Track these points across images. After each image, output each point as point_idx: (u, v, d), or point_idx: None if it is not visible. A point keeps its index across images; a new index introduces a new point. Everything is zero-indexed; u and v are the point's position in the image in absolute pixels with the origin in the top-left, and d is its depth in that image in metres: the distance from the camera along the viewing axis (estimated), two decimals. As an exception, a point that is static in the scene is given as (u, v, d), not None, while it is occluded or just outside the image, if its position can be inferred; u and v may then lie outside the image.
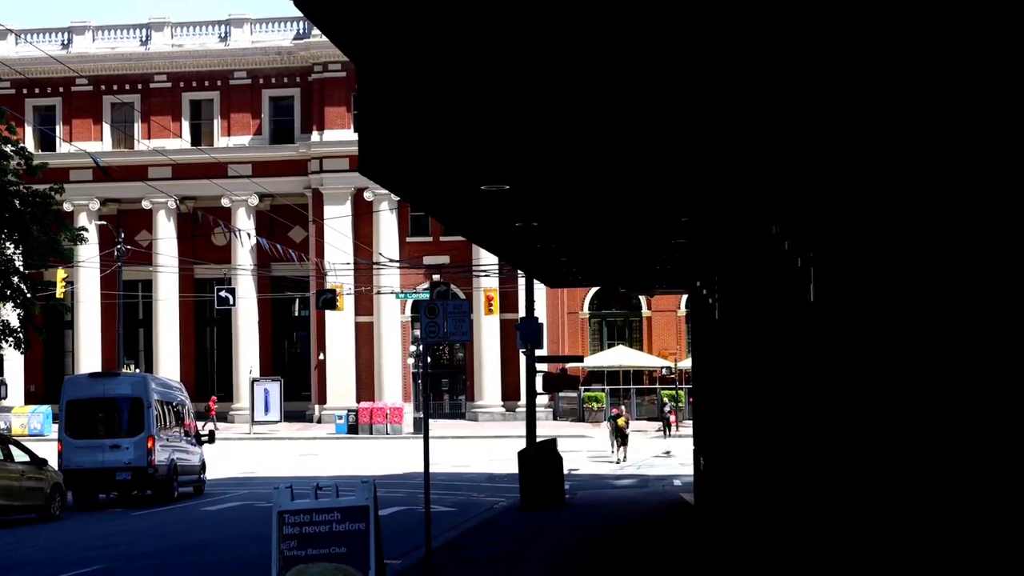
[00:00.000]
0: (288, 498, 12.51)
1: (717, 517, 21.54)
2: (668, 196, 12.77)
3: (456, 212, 14.85)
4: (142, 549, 20.46)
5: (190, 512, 29.12)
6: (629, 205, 13.58)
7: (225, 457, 51.03)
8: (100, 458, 31.06)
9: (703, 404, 24.77)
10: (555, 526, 23.27)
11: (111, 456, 31.12)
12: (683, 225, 14.40)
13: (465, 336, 16.34)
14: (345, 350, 68.57)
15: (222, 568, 18.66)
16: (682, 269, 21.99)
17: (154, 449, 31.48)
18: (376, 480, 36.81)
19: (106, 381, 33.12)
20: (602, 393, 67.94)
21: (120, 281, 61.80)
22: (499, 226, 15.24)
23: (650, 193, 12.50)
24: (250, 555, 18.72)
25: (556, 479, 28.51)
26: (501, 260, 22.21)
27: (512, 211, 13.98)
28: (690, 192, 12.50)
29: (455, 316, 16.17)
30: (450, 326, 16.16)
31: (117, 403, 32.28)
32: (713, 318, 18.41)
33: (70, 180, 70.42)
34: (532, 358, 31.27)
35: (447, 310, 16.25)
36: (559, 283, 28.69)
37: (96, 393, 32.30)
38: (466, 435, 61.07)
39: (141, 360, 75.52)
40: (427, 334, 16.43)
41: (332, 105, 69.17)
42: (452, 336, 16.28)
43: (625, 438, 45.55)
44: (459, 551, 19.44)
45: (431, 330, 16.29)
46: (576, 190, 12.62)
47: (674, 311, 69.62)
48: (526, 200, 13.20)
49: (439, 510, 29.55)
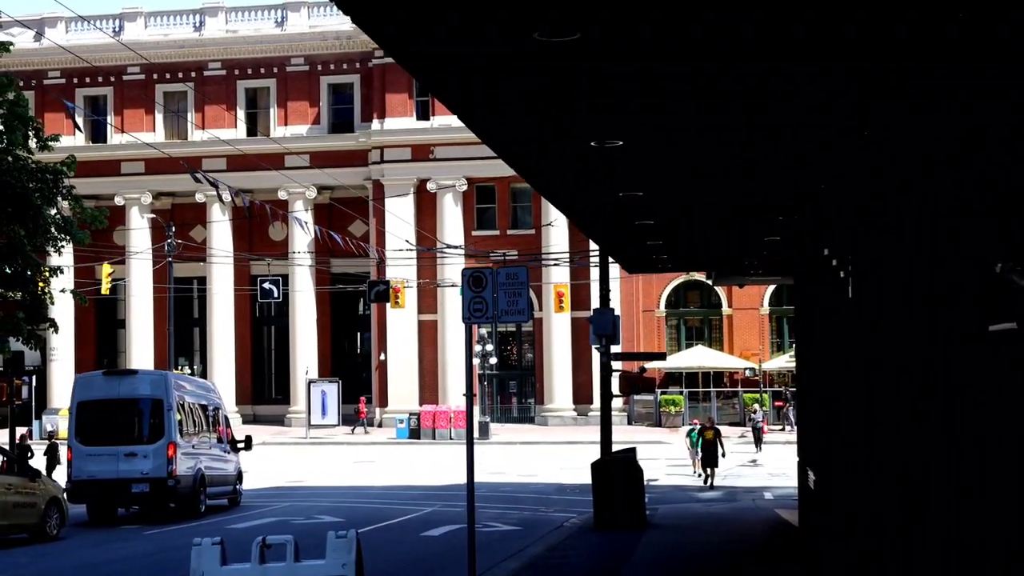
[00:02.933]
0: (216, 562, 8.60)
1: (833, 545, 17.53)
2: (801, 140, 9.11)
3: (560, 177, 12.55)
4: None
5: (212, 531, 25.29)
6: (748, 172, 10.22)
7: (275, 464, 47.62)
8: (114, 468, 27.52)
9: (814, 407, 20.69)
10: (638, 556, 19.27)
11: (126, 465, 27.57)
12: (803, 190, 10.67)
13: (522, 315, 12.44)
14: (407, 350, 64.94)
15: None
16: (788, 248, 17.97)
17: (175, 458, 27.83)
18: (432, 491, 33.09)
19: (122, 380, 29.40)
20: (680, 396, 63.71)
21: (171, 277, 58.53)
22: (602, 195, 12.00)
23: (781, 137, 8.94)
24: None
25: (636, 495, 24.50)
26: (590, 234, 18.16)
27: (619, 177, 11.87)
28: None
29: (509, 288, 12.28)
30: (502, 301, 12.32)
31: (134, 405, 28.72)
32: (840, 298, 14.37)
33: (121, 173, 67.99)
34: (607, 355, 27.30)
35: (497, 280, 12.38)
36: (641, 267, 24.72)
37: (111, 394, 28.59)
38: (535, 441, 57.23)
39: (196, 360, 72.50)
40: (471, 312, 12.63)
41: (393, 92, 65.65)
42: (505, 315, 12.44)
43: (715, 459, 36.82)
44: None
45: (476, 307, 12.51)
46: (693, 148, 10.82)
47: (756, 308, 65.31)
48: (636, 163, 11.26)
49: (500, 529, 25.73)
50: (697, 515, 28.43)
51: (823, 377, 18.59)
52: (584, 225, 17.52)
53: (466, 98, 9.61)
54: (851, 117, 9.91)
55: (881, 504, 13.23)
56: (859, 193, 11.56)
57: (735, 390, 64.54)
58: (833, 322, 15.89)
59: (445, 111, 65.52)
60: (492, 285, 12.26)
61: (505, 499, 33.63)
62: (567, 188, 13.21)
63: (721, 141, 10.58)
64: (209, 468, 30.25)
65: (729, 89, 8.82)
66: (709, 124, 10.02)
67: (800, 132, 9.95)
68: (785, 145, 10.33)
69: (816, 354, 19.72)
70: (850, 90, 9.06)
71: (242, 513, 29.63)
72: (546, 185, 13.15)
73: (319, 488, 37.60)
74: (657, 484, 37.87)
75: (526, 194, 65.76)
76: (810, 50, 7.70)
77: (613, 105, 9.20)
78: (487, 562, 19.66)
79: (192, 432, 29.90)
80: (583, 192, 13.33)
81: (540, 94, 9.07)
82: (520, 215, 66.51)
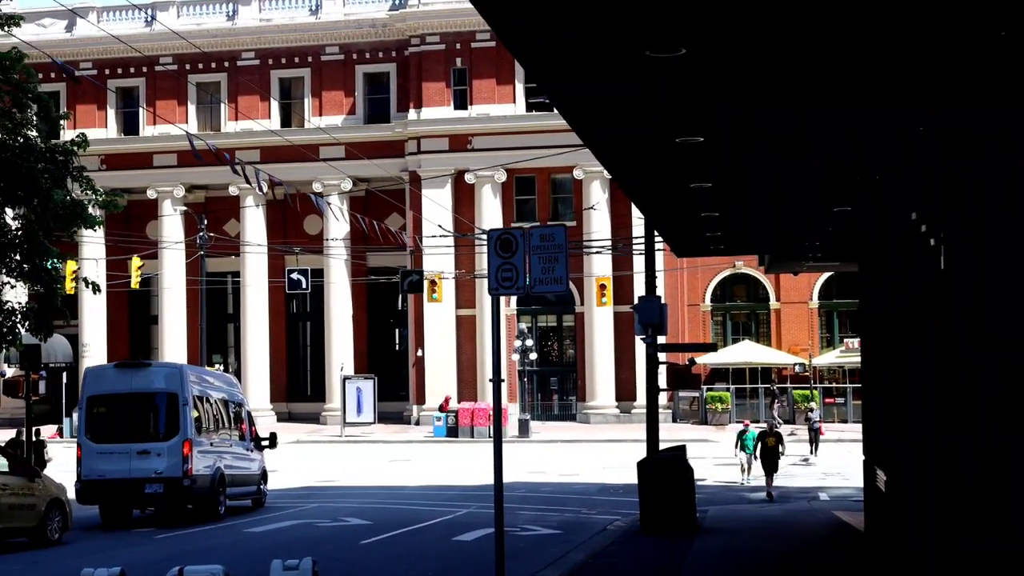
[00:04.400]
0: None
1: (908, 553, 15.65)
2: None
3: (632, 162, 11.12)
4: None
5: (229, 535, 23.74)
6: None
7: (308, 463, 46.05)
8: (126, 467, 25.70)
9: (884, 402, 18.77)
10: (690, 565, 17.41)
11: (139, 464, 25.75)
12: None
13: (559, 285, 10.55)
14: (445, 346, 63.18)
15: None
16: (860, 219, 16.08)
17: (191, 456, 25.98)
18: (468, 492, 31.24)
19: (135, 373, 27.46)
20: (726, 393, 61.61)
21: (203, 269, 57.10)
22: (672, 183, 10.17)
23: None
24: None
25: (686, 497, 22.62)
26: (642, 209, 16.24)
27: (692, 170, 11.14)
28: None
29: (543, 253, 10.41)
30: (536, 269, 10.46)
31: (147, 400, 26.87)
32: (924, 273, 12.48)
33: (153, 165, 66.69)
34: (654, 346, 25.42)
35: (531, 244, 10.50)
36: (691, 249, 22.86)
37: (122, 388, 26.70)
38: (577, 439, 55.35)
39: (230, 356, 71.09)
40: (499, 282, 10.79)
41: (430, 80, 63.95)
42: (539, 285, 10.60)
43: (776, 465, 32.82)
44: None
45: (506, 275, 10.66)
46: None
47: (805, 302, 63.19)
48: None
49: (539, 533, 23.95)
50: (750, 518, 26.52)
51: (897, 368, 16.68)
52: (638, 196, 15.68)
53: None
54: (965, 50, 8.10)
55: (982, 509, 11.39)
56: (964, 145, 9.69)
57: (784, 386, 62.37)
58: (912, 304, 13.98)
59: (483, 100, 63.87)
60: (524, 249, 10.45)
61: (545, 500, 31.87)
62: (631, 155, 11.61)
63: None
64: (230, 467, 28.42)
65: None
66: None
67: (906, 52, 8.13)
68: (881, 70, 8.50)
69: (887, 343, 17.80)
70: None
71: (265, 515, 27.94)
72: (615, 154, 11.54)
73: (350, 488, 35.91)
74: (705, 484, 35.97)
75: (566, 185, 63.97)
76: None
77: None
78: (523, 570, 17.88)
79: (211, 428, 28.11)
80: (647, 159, 11.73)
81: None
82: (560, 207, 64.68)
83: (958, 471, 12.10)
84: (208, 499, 26.97)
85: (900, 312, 15.00)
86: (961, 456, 12.20)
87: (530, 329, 63.46)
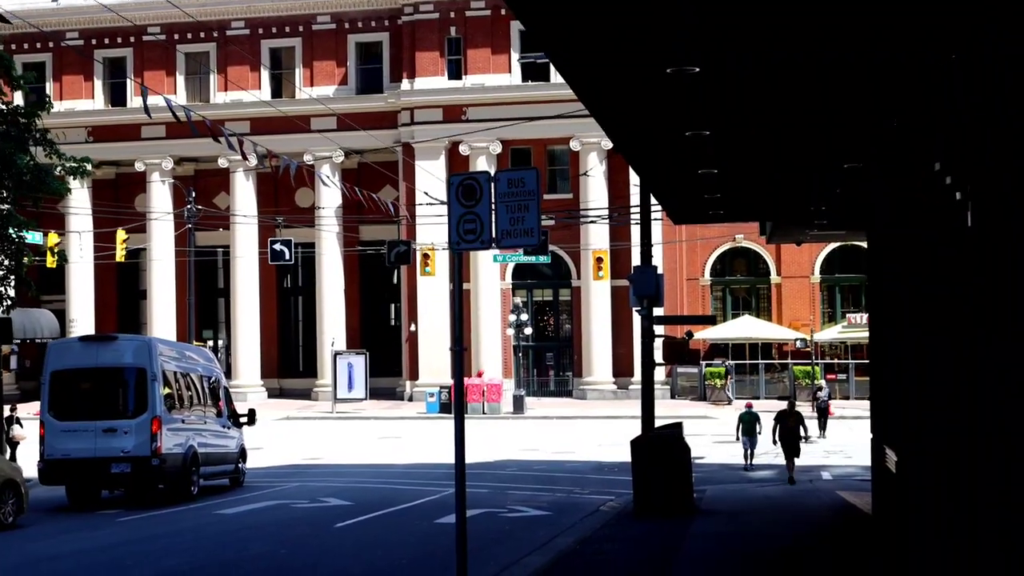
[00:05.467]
0: None
1: (922, 538, 14.48)
2: None
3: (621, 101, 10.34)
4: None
5: (198, 517, 22.46)
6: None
7: (297, 440, 44.89)
8: (91, 445, 24.36)
9: (897, 378, 17.51)
10: (686, 552, 16.15)
11: (105, 443, 24.38)
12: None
13: (530, 237, 9.23)
14: (439, 321, 61.87)
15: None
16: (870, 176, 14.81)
17: (160, 434, 24.60)
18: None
19: (101, 347, 25.93)
20: (725, 369, 60.33)
21: (190, 240, 55.80)
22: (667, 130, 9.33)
23: None
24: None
25: (682, 477, 21.35)
26: (635, 165, 14.85)
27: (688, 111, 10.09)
28: None
29: (512, 201, 9.09)
30: (503, 219, 9.16)
31: (114, 375, 25.42)
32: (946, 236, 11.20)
33: (142, 137, 65.19)
34: (650, 319, 24.15)
35: (497, 191, 9.19)
36: (690, 215, 21.56)
37: (88, 362, 25.27)
38: (573, 415, 54.10)
39: (221, 331, 69.83)
40: (461, 235, 9.50)
41: (424, 50, 62.49)
42: (507, 237, 9.29)
43: (798, 448, 29.95)
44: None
45: (468, 227, 9.38)
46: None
47: (807, 276, 61.91)
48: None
49: (528, 514, 22.73)
50: (750, 499, 25.29)
51: (912, 342, 15.42)
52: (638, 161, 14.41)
53: None
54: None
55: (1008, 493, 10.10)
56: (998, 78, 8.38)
57: (784, 362, 61.14)
58: (931, 271, 12.70)
59: (478, 70, 62.44)
60: (489, 198, 9.15)
61: (537, 479, 30.67)
62: (632, 118, 10.36)
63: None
64: (204, 445, 27.05)
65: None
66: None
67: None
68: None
69: (901, 315, 16.52)
70: None
71: (241, 495, 26.67)
72: (613, 116, 10.27)
73: (336, 466, 34.70)
74: (703, 462, 34.78)
75: (563, 157, 62.61)
76: None
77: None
78: (508, 555, 16.68)
79: (183, 405, 26.76)
80: (648, 121, 10.47)
81: None
82: (557, 179, 63.33)
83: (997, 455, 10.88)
84: (180, 479, 25.60)
85: (919, 279, 13.73)
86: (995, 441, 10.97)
87: (525, 303, 62.18)
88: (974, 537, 11.18)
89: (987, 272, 9.75)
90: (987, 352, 9.62)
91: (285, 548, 17.23)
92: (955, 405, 10.82)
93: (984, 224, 9.85)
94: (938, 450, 12.87)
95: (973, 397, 10.14)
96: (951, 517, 12.31)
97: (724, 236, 61.19)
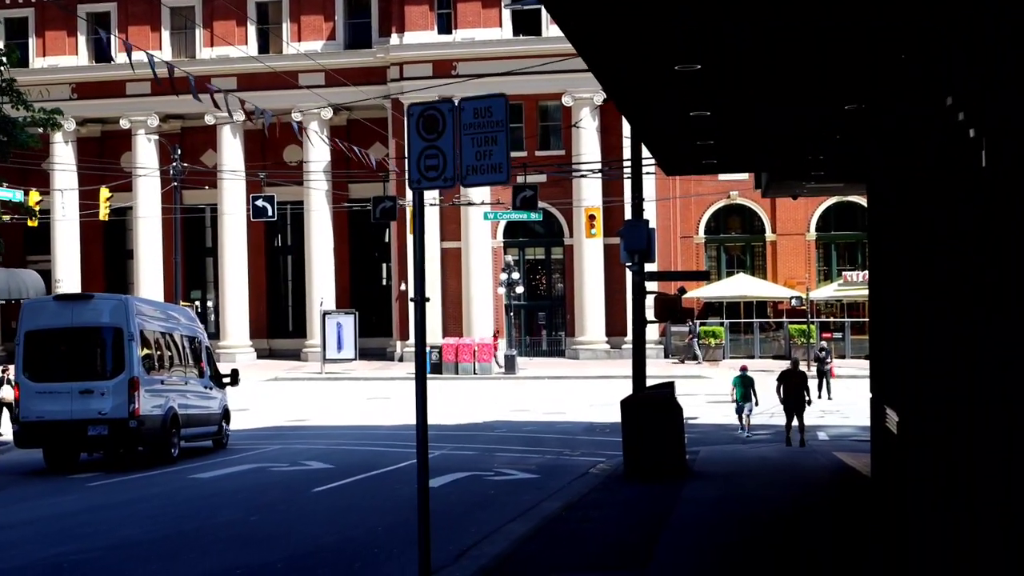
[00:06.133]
0: None
1: (926, 503, 13.68)
2: None
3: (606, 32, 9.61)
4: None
5: (172, 482, 21.63)
6: None
7: (284, 401, 44.12)
8: (67, 407, 23.65)
9: (899, 335, 16.69)
10: (677, 518, 15.34)
11: (82, 405, 23.66)
12: None
13: (499, 174, 8.31)
14: (430, 280, 60.90)
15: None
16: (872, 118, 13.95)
17: (138, 395, 23.85)
18: (445, 431, 29.01)
19: (76, 306, 25.04)
20: (720, 328, 59.52)
21: (176, 197, 54.83)
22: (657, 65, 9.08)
23: None
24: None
25: (674, 439, 20.53)
26: (630, 119, 13.92)
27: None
28: None
29: (478, 133, 8.20)
30: (468, 154, 8.27)
31: (90, 335, 24.63)
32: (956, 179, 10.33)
33: (127, 94, 64.04)
34: (641, 274, 23.28)
35: (462, 122, 8.31)
36: (682, 166, 20.62)
37: (63, 322, 24.46)
38: (565, 375, 53.32)
39: (209, 291, 68.95)
40: (422, 172, 8.62)
41: (413, 4, 61.32)
42: (472, 175, 8.40)
43: (803, 407, 28.13)
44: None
45: (430, 164, 8.50)
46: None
47: (802, 234, 61.01)
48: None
49: (515, 477, 21.96)
50: (744, 460, 24.50)
51: (918, 295, 14.58)
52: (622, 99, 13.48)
53: None
54: None
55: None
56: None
57: (780, 320, 60.35)
58: (939, 217, 11.83)
59: (468, 24, 61.30)
60: (452, 130, 8.25)
61: (526, 440, 29.90)
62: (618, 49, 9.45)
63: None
64: (185, 407, 26.39)
65: None
66: None
67: None
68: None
69: (904, 267, 15.67)
70: None
71: (220, 458, 25.86)
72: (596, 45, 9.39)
73: (321, 428, 33.90)
74: (697, 423, 34.02)
75: (556, 112, 61.57)
76: None
77: None
78: (492, 521, 15.87)
79: (163, 366, 26.09)
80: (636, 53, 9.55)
81: None
82: (550, 136, 62.34)
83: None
84: (159, 441, 24.88)
85: (927, 226, 12.84)
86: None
87: (517, 262, 61.27)
88: (973, 506, 10.40)
89: (1001, 216, 8.88)
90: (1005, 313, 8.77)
91: (256, 515, 16.43)
92: (956, 368, 9.98)
93: (1000, 163, 8.96)
94: (938, 414, 12.05)
95: (983, 360, 9.32)
96: (952, 482, 11.51)
97: (719, 193, 60.29)
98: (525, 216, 53.72)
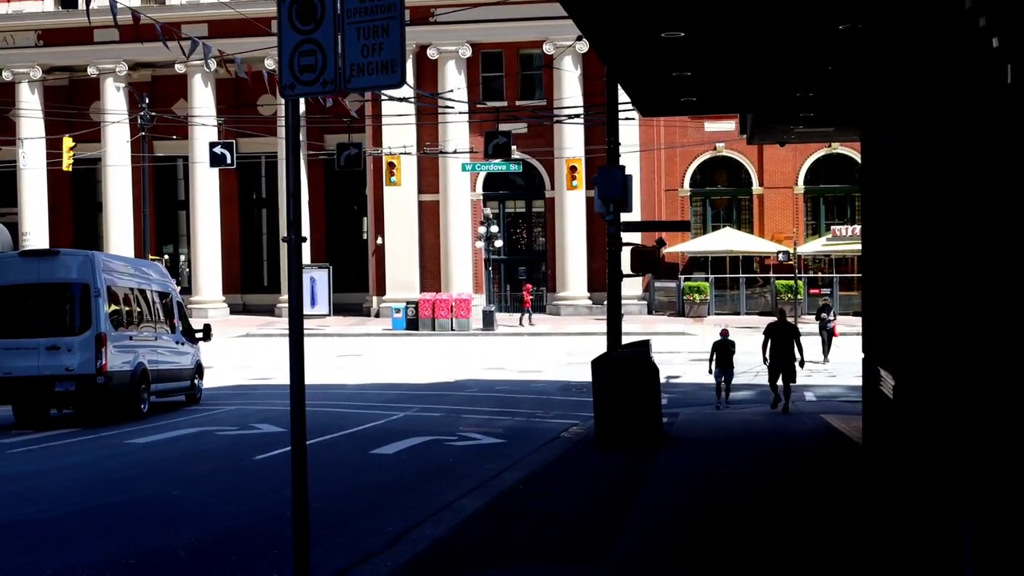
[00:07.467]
0: None
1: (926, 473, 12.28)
2: None
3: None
4: None
5: (103, 447, 19.88)
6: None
7: (251, 358, 42.55)
8: (34, 364, 23.38)
9: (898, 290, 15.14)
10: (647, 495, 13.75)
11: (48, 361, 23.39)
12: None
13: (391, 76, 6.53)
14: (407, 234, 59.31)
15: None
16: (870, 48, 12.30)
17: (106, 351, 23.47)
18: (414, 391, 27.19)
19: (42, 262, 24.55)
20: (705, 283, 57.95)
21: (144, 146, 53.00)
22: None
23: None
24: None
25: (649, 402, 18.92)
26: (598, 49, 12.17)
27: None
28: None
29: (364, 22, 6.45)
30: (353, 49, 6.61)
31: (57, 291, 24.16)
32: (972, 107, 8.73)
33: (95, 41, 61.92)
34: (616, 224, 21.66)
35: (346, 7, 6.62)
36: (659, 105, 18.92)
37: (29, 278, 24.09)
38: (545, 332, 51.74)
39: (182, 245, 67.17)
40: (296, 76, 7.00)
41: (390, -52, 59.23)
42: (358, 76, 6.74)
43: (793, 372, 25.49)
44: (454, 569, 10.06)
45: (306, 63, 6.88)
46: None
47: (790, 187, 59.37)
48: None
49: (480, 442, 20.41)
50: (727, 425, 22.94)
51: (921, 247, 13.00)
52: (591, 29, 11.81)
53: None
54: None
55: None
56: None
57: (767, 275, 58.79)
58: (949, 151, 10.20)
59: (447, -32, 59.35)
60: (334, 22, 6.56)
61: (498, 401, 28.35)
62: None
63: None
64: (155, 362, 26.04)
65: None
66: None
67: None
68: None
69: (907, 217, 14.08)
70: None
71: (166, 420, 24.26)
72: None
73: (284, 387, 32.11)
74: (679, 382, 32.55)
75: (536, 60, 59.69)
76: None
77: None
78: (441, 496, 14.27)
79: (132, 321, 25.65)
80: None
81: None
82: (533, 86, 60.48)
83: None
84: (129, 397, 24.58)
85: (937, 159, 11.22)
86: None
87: (496, 215, 59.47)
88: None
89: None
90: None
91: (179, 488, 14.82)
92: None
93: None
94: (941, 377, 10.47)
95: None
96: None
97: (705, 144, 58.64)
98: (504, 167, 52.02)
